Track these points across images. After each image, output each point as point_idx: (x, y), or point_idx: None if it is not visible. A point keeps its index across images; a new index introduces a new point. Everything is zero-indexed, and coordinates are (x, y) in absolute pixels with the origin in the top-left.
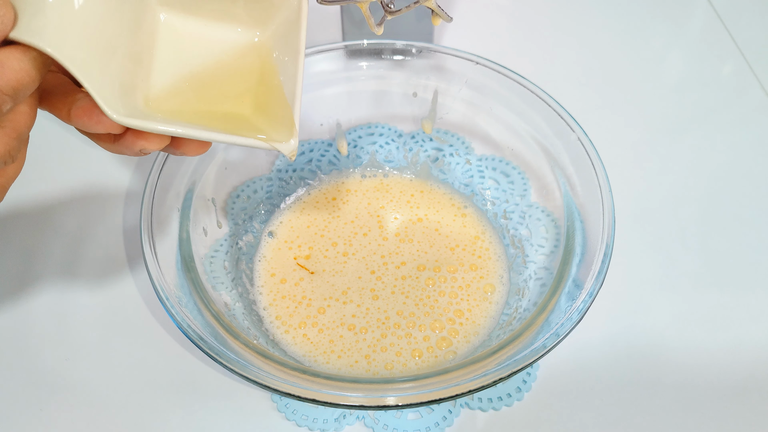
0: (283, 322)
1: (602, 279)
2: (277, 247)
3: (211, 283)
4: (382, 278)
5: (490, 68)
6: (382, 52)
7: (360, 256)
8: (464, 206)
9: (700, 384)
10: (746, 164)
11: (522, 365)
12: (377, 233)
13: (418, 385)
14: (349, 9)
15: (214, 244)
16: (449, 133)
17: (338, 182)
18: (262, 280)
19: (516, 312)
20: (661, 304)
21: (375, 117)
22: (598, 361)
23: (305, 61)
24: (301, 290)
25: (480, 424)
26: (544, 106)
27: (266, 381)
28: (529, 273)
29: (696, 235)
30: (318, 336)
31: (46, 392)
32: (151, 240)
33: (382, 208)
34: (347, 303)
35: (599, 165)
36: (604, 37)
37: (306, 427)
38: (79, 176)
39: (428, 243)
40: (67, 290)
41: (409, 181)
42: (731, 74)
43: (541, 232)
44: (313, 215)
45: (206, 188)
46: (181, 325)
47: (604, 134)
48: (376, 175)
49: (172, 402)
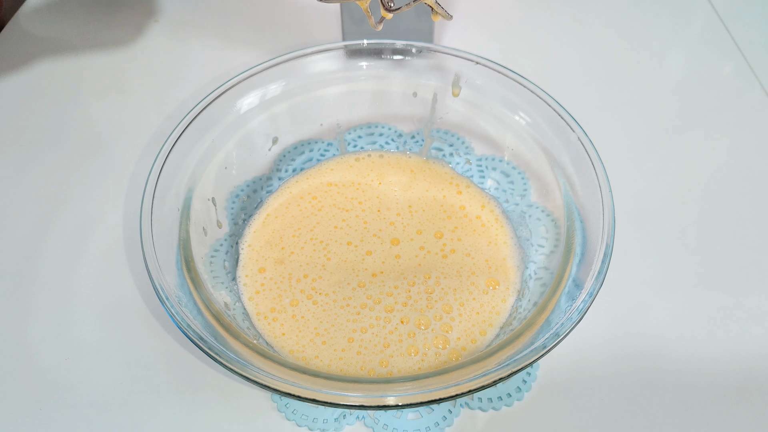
0: (268, 310)
1: (602, 279)
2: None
3: (211, 283)
4: (379, 276)
5: (490, 68)
6: (382, 52)
7: (357, 253)
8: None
9: (700, 384)
10: (746, 164)
11: (522, 365)
12: (376, 228)
13: (418, 385)
14: (350, 7)
15: (214, 244)
16: (449, 133)
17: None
18: (247, 270)
19: (516, 312)
20: (661, 304)
21: (375, 117)
22: (598, 361)
23: (305, 61)
24: (279, 274)
25: (480, 424)
26: (544, 106)
27: (266, 381)
28: (529, 273)
29: (696, 235)
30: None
31: (45, 391)
32: (151, 240)
33: (380, 211)
34: (342, 287)
35: (599, 165)
36: (604, 37)
37: (306, 427)
38: (79, 176)
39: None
40: (67, 290)
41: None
42: (731, 74)
43: (541, 232)
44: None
45: (206, 188)
46: (181, 325)
47: (604, 134)
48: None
49: (172, 402)
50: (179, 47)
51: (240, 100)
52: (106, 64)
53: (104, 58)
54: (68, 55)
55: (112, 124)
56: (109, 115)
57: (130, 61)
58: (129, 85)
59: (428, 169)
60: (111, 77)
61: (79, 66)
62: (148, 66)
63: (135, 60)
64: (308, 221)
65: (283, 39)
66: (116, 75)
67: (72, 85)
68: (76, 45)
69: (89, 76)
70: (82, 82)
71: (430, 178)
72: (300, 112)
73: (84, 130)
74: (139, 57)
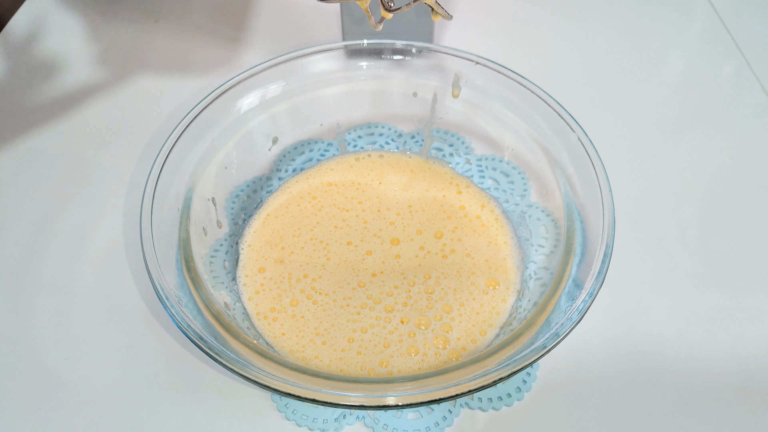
0: (268, 310)
1: (602, 279)
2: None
3: (211, 283)
4: (380, 276)
5: (490, 68)
6: (382, 52)
7: (357, 252)
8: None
9: (700, 384)
10: (746, 164)
11: (522, 365)
12: (375, 227)
13: (418, 385)
14: (350, 7)
15: (214, 244)
16: (449, 133)
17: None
18: (247, 270)
19: (516, 312)
20: (661, 304)
21: (375, 117)
22: (598, 361)
23: (305, 61)
24: (278, 274)
25: (480, 424)
26: (544, 106)
27: (266, 381)
28: (529, 273)
29: (696, 235)
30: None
31: (45, 391)
32: (151, 239)
33: (380, 211)
34: (342, 287)
35: (599, 165)
36: (604, 37)
37: (306, 427)
38: (79, 176)
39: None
40: (66, 289)
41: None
42: (731, 74)
43: (541, 232)
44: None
45: (206, 188)
46: (181, 325)
47: (604, 134)
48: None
49: (171, 402)
50: (179, 47)
51: (240, 100)
52: (106, 64)
53: (104, 57)
54: (68, 54)
55: (112, 124)
56: (110, 115)
57: (130, 61)
58: (129, 85)
59: (428, 169)
60: (111, 77)
61: (79, 66)
62: (148, 66)
63: (135, 60)
64: (308, 221)
65: (283, 39)
66: (116, 75)
67: (72, 85)
68: (75, 45)
69: (89, 76)
70: (82, 82)
71: (430, 178)
72: (300, 112)
73: (84, 129)
74: (139, 57)
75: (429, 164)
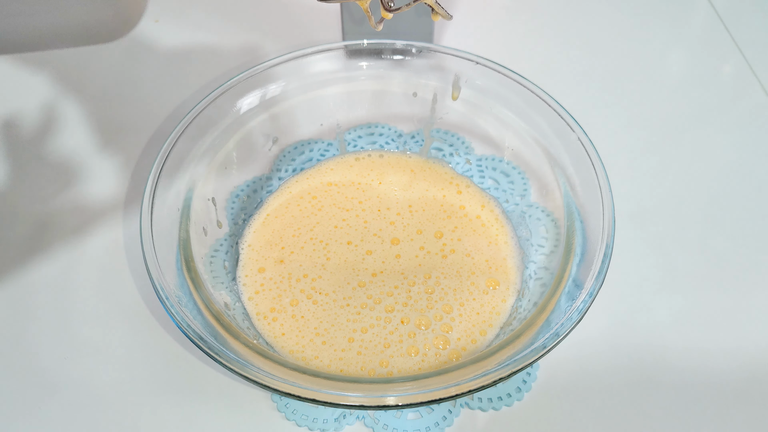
0: (268, 309)
1: (602, 279)
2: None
3: (211, 283)
4: (380, 276)
5: (490, 68)
6: (382, 52)
7: (357, 252)
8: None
9: (700, 384)
10: (746, 164)
11: (522, 365)
12: (376, 227)
13: (418, 386)
14: (350, 7)
15: (214, 244)
16: (449, 133)
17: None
18: (247, 270)
19: (516, 312)
20: (661, 304)
21: (375, 117)
22: (598, 361)
23: (305, 61)
24: (278, 274)
25: (480, 424)
26: (544, 106)
27: (266, 381)
28: (529, 273)
29: (696, 235)
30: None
31: (44, 391)
32: (151, 240)
33: (380, 211)
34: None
35: (599, 165)
36: (604, 37)
37: (306, 427)
38: (79, 176)
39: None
40: (66, 289)
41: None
42: (731, 74)
43: (541, 232)
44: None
45: (206, 188)
46: (181, 325)
47: (604, 134)
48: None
49: (171, 402)
50: (179, 47)
51: (240, 100)
52: (106, 64)
53: (104, 57)
54: (68, 54)
55: (112, 124)
56: (110, 114)
57: (130, 61)
58: (129, 85)
59: (428, 169)
60: (111, 77)
61: (79, 66)
62: (148, 66)
63: (135, 60)
64: (308, 221)
65: (283, 39)
66: (116, 75)
67: (72, 85)
68: (75, 45)
69: (89, 76)
70: (82, 81)
71: (430, 178)
72: (300, 112)
73: (84, 129)
74: (139, 57)
75: (429, 164)
